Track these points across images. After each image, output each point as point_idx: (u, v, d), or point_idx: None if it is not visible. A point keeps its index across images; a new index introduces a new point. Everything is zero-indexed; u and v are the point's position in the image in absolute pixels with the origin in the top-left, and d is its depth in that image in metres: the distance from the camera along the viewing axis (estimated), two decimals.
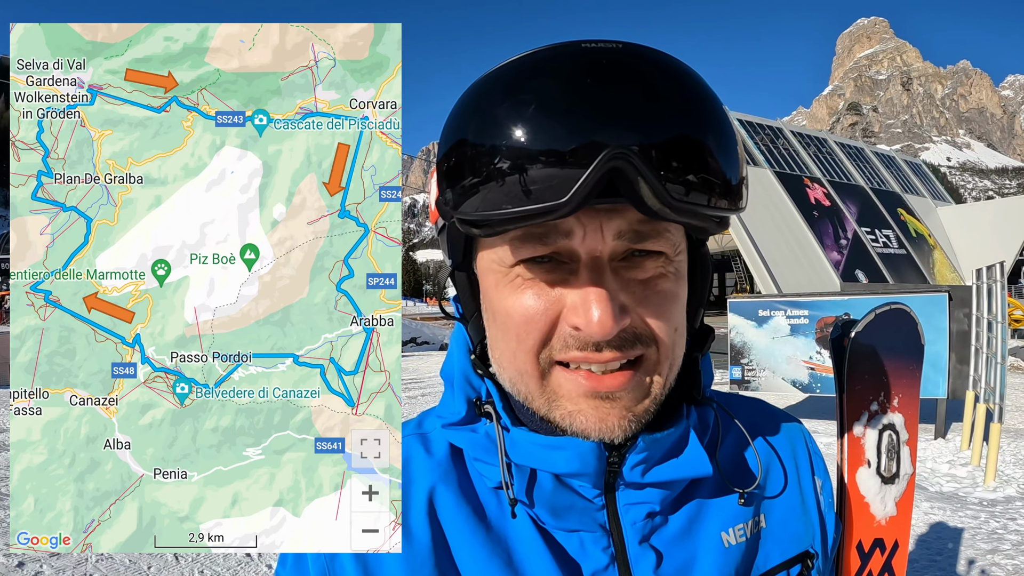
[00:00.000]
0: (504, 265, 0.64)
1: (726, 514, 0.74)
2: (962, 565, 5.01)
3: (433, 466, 0.74)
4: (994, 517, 6.03)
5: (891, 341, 0.81)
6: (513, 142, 0.55)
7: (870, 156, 36.84)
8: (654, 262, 0.63)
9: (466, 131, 0.59)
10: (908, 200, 34.88)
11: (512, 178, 0.55)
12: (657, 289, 0.63)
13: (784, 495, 0.79)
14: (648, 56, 0.58)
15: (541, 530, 0.70)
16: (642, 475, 0.67)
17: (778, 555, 0.75)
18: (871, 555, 0.80)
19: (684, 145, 0.56)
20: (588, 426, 0.63)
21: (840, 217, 28.68)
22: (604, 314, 0.58)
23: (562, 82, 0.55)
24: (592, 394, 0.62)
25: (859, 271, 26.54)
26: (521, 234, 0.60)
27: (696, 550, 0.71)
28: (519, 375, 0.66)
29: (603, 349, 0.61)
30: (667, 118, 0.56)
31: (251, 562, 5.42)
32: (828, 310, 10.26)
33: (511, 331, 0.64)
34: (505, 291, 0.64)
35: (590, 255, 0.60)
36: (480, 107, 0.59)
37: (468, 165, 0.58)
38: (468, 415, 0.73)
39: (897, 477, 0.81)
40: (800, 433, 0.85)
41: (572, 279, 0.61)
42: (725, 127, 0.59)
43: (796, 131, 33.36)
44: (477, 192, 0.57)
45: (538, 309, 0.62)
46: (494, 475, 0.70)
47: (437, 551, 0.68)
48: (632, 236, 0.61)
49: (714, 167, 0.57)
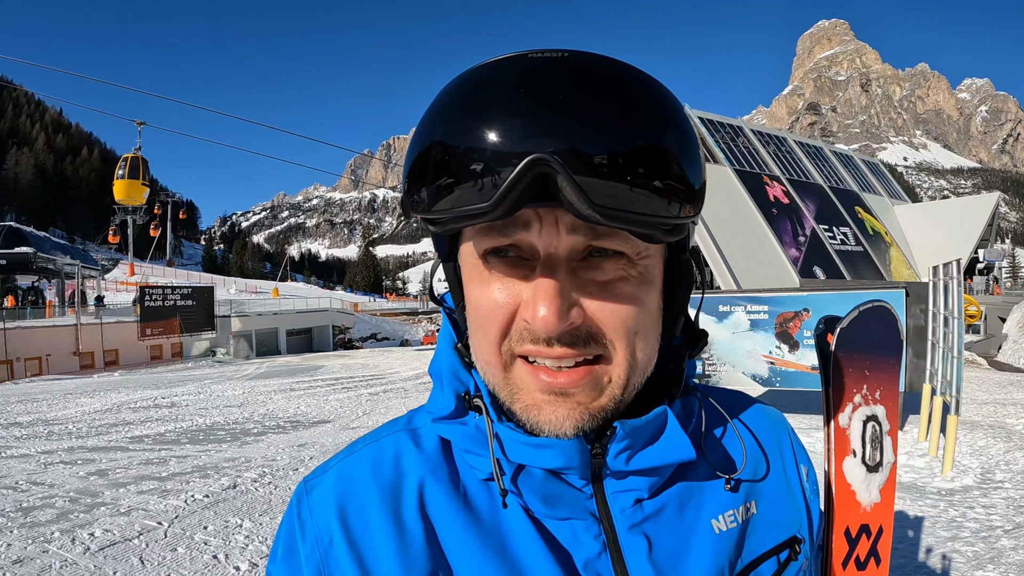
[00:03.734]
0: (475, 257, 0.66)
1: (716, 501, 0.75)
2: (922, 553, 5.13)
3: (423, 460, 0.74)
4: (952, 506, 6.19)
5: (873, 337, 0.84)
6: (456, 145, 0.58)
7: (829, 155, 37.39)
8: (614, 264, 0.64)
9: (421, 134, 0.61)
10: (865, 199, 35.49)
11: (453, 180, 0.58)
12: (616, 292, 0.64)
13: (772, 482, 0.80)
14: (590, 63, 0.59)
15: (533, 520, 0.70)
16: (626, 462, 0.68)
17: (769, 541, 0.77)
18: (858, 540, 0.83)
19: (615, 150, 0.56)
20: (542, 420, 0.65)
21: (799, 215, 29.07)
22: (550, 311, 0.60)
23: (502, 90, 0.58)
24: (547, 389, 0.64)
25: (817, 268, 26.93)
26: (484, 227, 0.62)
27: (688, 536, 0.72)
28: (487, 365, 0.68)
29: (554, 345, 0.62)
30: (598, 123, 0.56)
31: (219, 564, 5.36)
32: (787, 306, 10.42)
33: (478, 322, 0.66)
34: (475, 282, 0.67)
35: (547, 251, 0.62)
36: (432, 113, 0.61)
37: (419, 166, 0.61)
38: (457, 409, 0.73)
39: (881, 465, 0.84)
40: (782, 422, 0.88)
41: (530, 275, 0.63)
42: (672, 132, 0.59)
43: (756, 130, 33.74)
44: (427, 191, 0.60)
45: (499, 302, 0.64)
46: (484, 467, 0.71)
47: (430, 544, 0.69)
48: (587, 231, 0.61)
49: (650, 172, 0.57)
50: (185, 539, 5.90)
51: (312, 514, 0.74)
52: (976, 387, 13.53)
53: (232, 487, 7.61)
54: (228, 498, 7.18)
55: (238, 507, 6.84)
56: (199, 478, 8.07)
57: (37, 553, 5.59)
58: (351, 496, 0.73)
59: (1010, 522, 5.68)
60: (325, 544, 0.71)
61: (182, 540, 5.87)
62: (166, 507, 6.86)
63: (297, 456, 9.18)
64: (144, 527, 6.22)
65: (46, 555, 5.55)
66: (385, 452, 0.76)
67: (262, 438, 10.65)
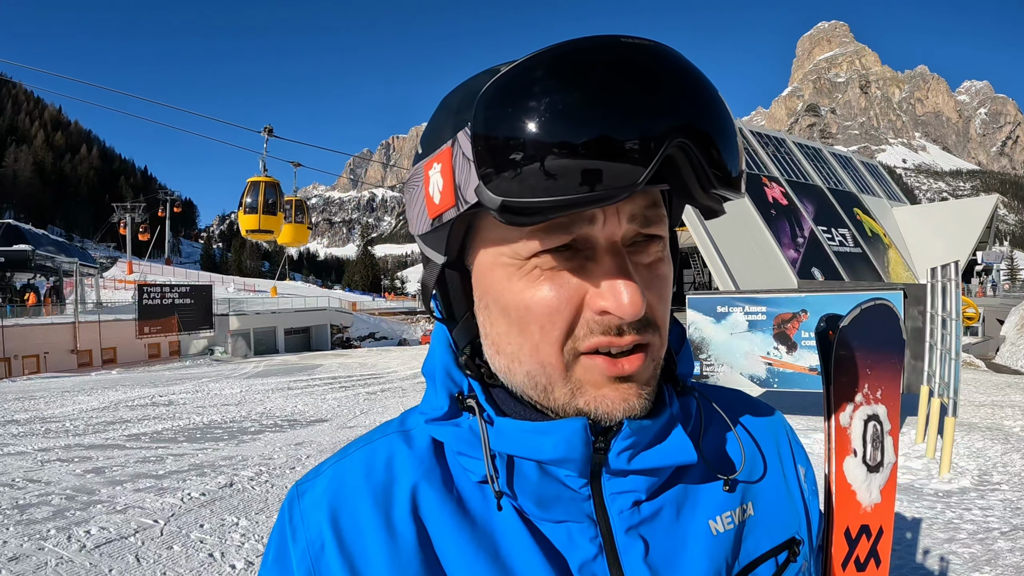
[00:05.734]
0: (519, 258, 0.63)
1: (713, 502, 0.74)
2: (919, 555, 5.13)
3: (416, 463, 0.73)
4: (950, 508, 6.20)
5: (875, 335, 0.83)
6: (583, 125, 0.54)
7: (827, 157, 37.39)
8: (655, 246, 0.65)
9: (524, 109, 0.56)
10: (864, 200, 35.49)
11: (576, 163, 0.54)
12: (658, 272, 0.66)
13: (770, 483, 0.80)
14: (677, 54, 0.61)
15: (527, 523, 0.70)
16: (628, 461, 0.67)
17: (767, 542, 0.76)
18: (858, 541, 0.82)
19: (721, 135, 0.60)
20: (614, 407, 0.64)
21: (797, 216, 29.07)
22: (634, 294, 0.60)
23: (627, 71, 0.56)
24: (613, 377, 0.63)
25: (815, 269, 26.93)
26: (546, 224, 0.60)
27: (684, 538, 0.71)
28: (541, 367, 0.65)
29: (624, 333, 0.62)
30: (708, 106, 0.59)
31: (214, 562, 5.35)
32: (785, 307, 10.43)
33: (532, 324, 0.64)
34: (521, 284, 0.64)
35: (609, 240, 0.62)
36: (544, 86, 0.56)
37: (525, 146, 0.55)
38: (451, 410, 0.72)
39: (882, 465, 0.84)
40: (781, 422, 0.87)
41: (590, 265, 0.62)
42: (731, 118, 0.63)
43: (755, 131, 33.74)
44: (532, 176, 0.55)
45: (561, 298, 0.62)
46: (478, 469, 0.70)
47: (423, 548, 0.68)
48: (641, 220, 0.63)
49: (737, 153, 0.62)
50: (181, 537, 5.89)
51: (303, 518, 0.73)
52: (974, 389, 13.53)
53: (229, 485, 7.60)
54: (224, 496, 7.17)
55: (234, 505, 6.83)
56: (196, 476, 8.06)
57: (33, 550, 5.59)
58: (343, 500, 0.72)
59: (1007, 524, 5.68)
60: (316, 549, 0.70)
61: (178, 538, 5.87)
62: (162, 505, 6.85)
63: (294, 455, 9.17)
64: (140, 525, 6.21)
65: (42, 552, 5.54)
66: (377, 455, 0.75)
67: (259, 437, 10.64)
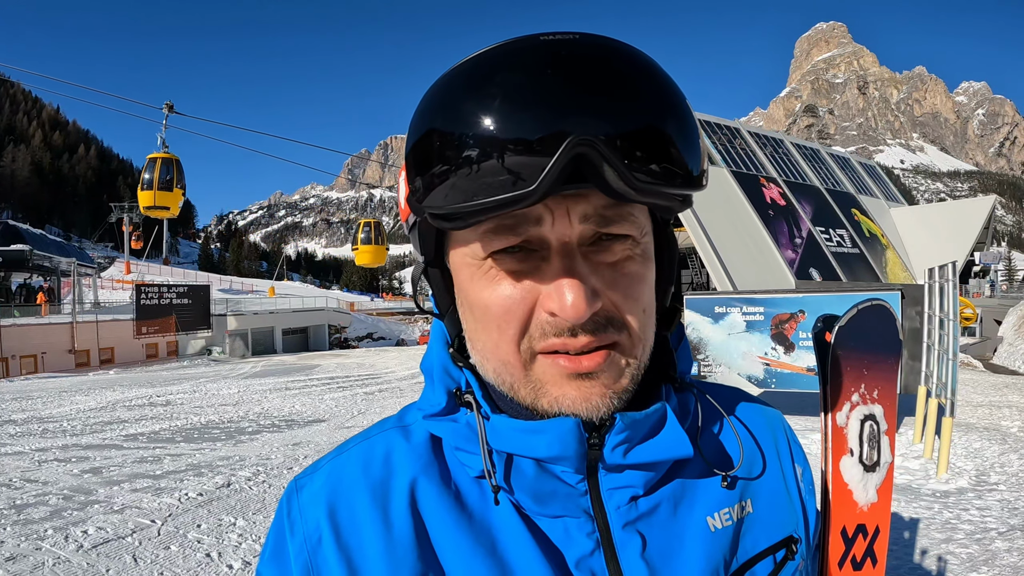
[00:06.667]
0: (477, 258, 0.64)
1: (711, 499, 0.74)
2: (917, 555, 5.14)
3: (414, 458, 0.74)
4: (947, 508, 6.21)
5: (871, 335, 0.83)
6: (481, 134, 0.56)
7: (825, 157, 37.42)
8: (621, 245, 0.64)
9: (433, 125, 0.59)
10: (862, 201, 35.53)
11: (480, 169, 0.56)
12: (625, 271, 0.64)
13: (768, 480, 0.80)
14: (604, 44, 0.60)
15: (525, 518, 0.70)
16: (623, 456, 0.67)
17: (765, 540, 0.76)
18: (854, 540, 0.82)
19: (644, 128, 0.58)
20: (575, 405, 0.64)
21: (795, 216, 29.08)
22: (577, 298, 0.59)
23: (526, 74, 0.57)
24: (573, 375, 0.63)
25: (813, 269, 26.94)
26: (493, 226, 0.61)
27: (682, 534, 0.71)
28: (503, 366, 0.66)
29: (578, 334, 0.62)
30: (625, 102, 0.57)
31: (211, 562, 5.35)
32: (783, 307, 10.45)
33: (491, 323, 0.65)
34: (481, 284, 0.65)
35: (560, 241, 0.62)
36: (446, 101, 0.59)
37: (436, 159, 0.58)
38: (448, 405, 0.73)
39: (878, 465, 0.84)
40: (779, 420, 0.87)
41: (544, 266, 0.62)
42: (680, 106, 0.61)
43: (753, 131, 33.74)
44: (446, 185, 0.58)
45: (515, 299, 0.63)
46: (475, 464, 0.71)
47: (420, 542, 0.68)
48: (598, 220, 0.62)
49: (673, 146, 0.59)
50: (178, 537, 5.89)
51: (301, 512, 0.73)
52: (971, 389, 13.56)
53: (226, 486, 7.60)
54: (222, 496, 7.17)
55: (232, 505, 6.83)
56: (193, 476, 8.06)
57: (30, 550, 5.58)
58: (340, 495, 0.73)
59: (1004, 524, 5.69)
60: (313, 543, 0.71)
61: (175, 538, 5.87)
62: (160, 505, 6.85)
63: (291, 455, 9.17)
64: (137, 525, 6.21)
65: (39, 552, 5.54)
66: (375, 450, 0.76)
67: (256, 437, 10.64)
